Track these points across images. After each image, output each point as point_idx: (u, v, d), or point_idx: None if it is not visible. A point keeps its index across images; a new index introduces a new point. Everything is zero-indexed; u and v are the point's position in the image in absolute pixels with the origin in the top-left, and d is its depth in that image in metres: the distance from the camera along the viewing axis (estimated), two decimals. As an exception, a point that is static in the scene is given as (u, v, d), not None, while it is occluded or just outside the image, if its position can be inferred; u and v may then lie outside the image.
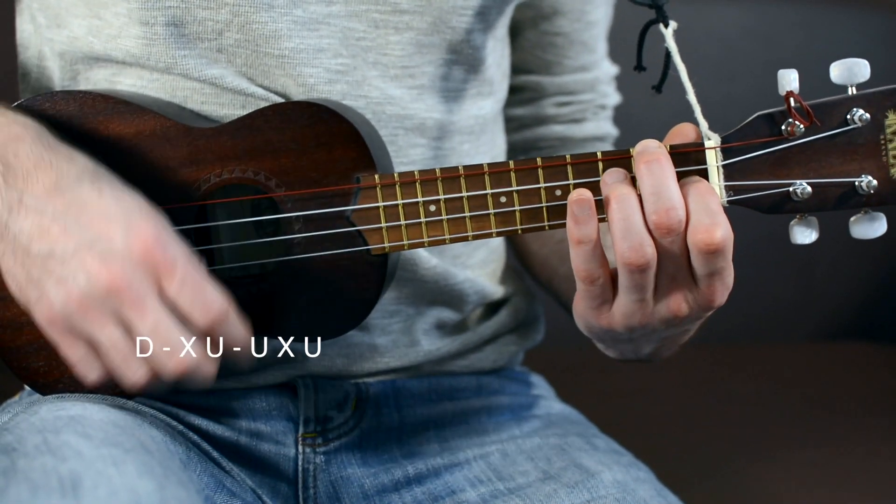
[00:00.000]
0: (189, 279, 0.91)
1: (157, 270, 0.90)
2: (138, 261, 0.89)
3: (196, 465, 1.02)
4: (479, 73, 1.16)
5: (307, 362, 1.12)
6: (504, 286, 1.24)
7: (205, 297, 0.91)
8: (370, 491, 1.11)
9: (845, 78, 0.93)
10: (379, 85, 1.10)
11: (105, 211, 0.91)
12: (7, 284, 0.94)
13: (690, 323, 0.97)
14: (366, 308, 1.00)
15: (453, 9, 1.11)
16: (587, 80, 1.27)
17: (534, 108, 1.27)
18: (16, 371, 1.03)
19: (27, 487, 0.83)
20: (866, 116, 0.93)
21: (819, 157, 0.93)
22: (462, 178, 0.97)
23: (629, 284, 0.92)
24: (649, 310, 0.94)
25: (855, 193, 0.94)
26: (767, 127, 0.94)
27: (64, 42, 1.10)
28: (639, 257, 0.90)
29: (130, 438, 0.92)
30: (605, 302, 0.94)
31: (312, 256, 0.99)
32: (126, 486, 0.84)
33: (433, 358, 1.17)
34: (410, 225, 0.98)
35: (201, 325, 0.91)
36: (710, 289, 0.92)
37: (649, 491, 1.08)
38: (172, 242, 0.91)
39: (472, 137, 1.16)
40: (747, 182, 0.94)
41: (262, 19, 1.05)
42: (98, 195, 0.92)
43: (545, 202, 0.96)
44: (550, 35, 1.24)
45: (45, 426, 0.92)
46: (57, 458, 0.86)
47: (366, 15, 1.09)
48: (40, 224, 0.90)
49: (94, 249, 0.89)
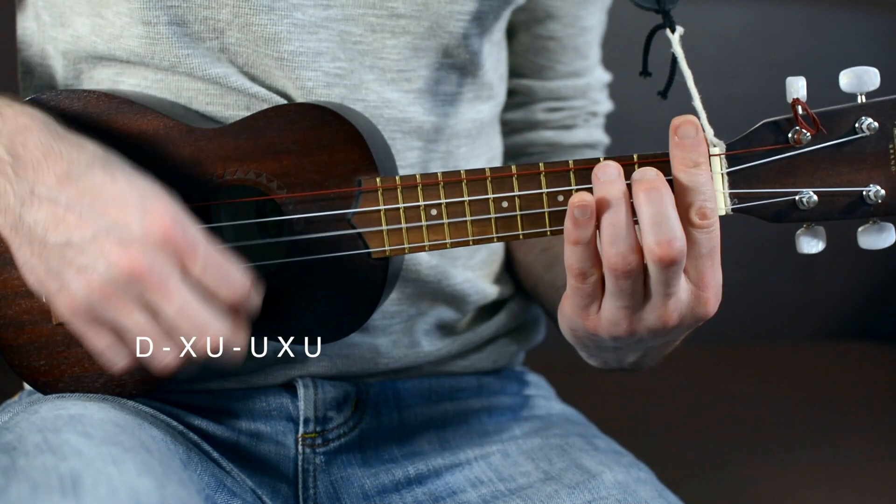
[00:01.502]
0: (212, 257, 0.90)
1: (178, 252, 0.89)
2: (158, 243, 0.88)
3: (196, 465, 1.02)
4: (477, 78, 1.16)
5: (307, 363, 1.12)
6: (504, 287, 1.24)
7: (229, 273, 0.91)
8: (370, 491, 1.11)
9: (854, 86, 0.92)
10: (376, 89, 1.10)
11: (119, 196, 0.90)
12: (25, 278, 0.93)
13: (679, 333, 0.97)
14: (367, 311, 1.00)
15: (450, 13, 1.10)
16: (579, 86, 1.27)
17: (524, 113, 1.27)
18: (17, 370, 1.03)
19: (27, 486, 0.83)
20: (875, 125, 0.91)
21: (826, 166, 0.92)
22: (464, 183, 0.97)
23: (615, 290, 0.91)
24: (637, 317, 0.93)
25: (863, 203, 0.93)
26: (773, 135, 0.93)
27: (67, 41, 1.10)
28: (625, 264, 0.89)
29: (130, 438, 0.92)
30: (593, 302, 0.93)
31: (314, 259, 0.99)
32: (126, 485, 0.84)
33: (433, 358, 1.17)
34: (411, 228, 0.98)
35: (229, 301, 0.91)
36: (704, 282, 0.92)
37: (650, 492, 1.08)
38: (190, 223, 0.90)
39: (469, 141, 1.16)
40: (752, 190, 0.93)
41: (262, 21, 1.05)
42: (111, 180, 0.91)
43: (547, 207, 0.96)
44: (543, 39, 1.24)
45: (46, 425, 0.92)
46: (57, 456, 0.86)
47: (362, 19, 1.09)
48: (55, 214, 0.90)
49: (112, 235, 0.89)
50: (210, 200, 1.00)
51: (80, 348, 1.02)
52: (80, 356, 1.02)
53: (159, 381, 1.03)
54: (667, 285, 0.90)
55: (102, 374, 1.03)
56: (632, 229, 0.90)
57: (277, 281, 1.00)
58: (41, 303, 1.02)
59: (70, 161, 0.91)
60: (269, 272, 1.01)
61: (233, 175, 1.00)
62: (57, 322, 1.02)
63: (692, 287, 0.92)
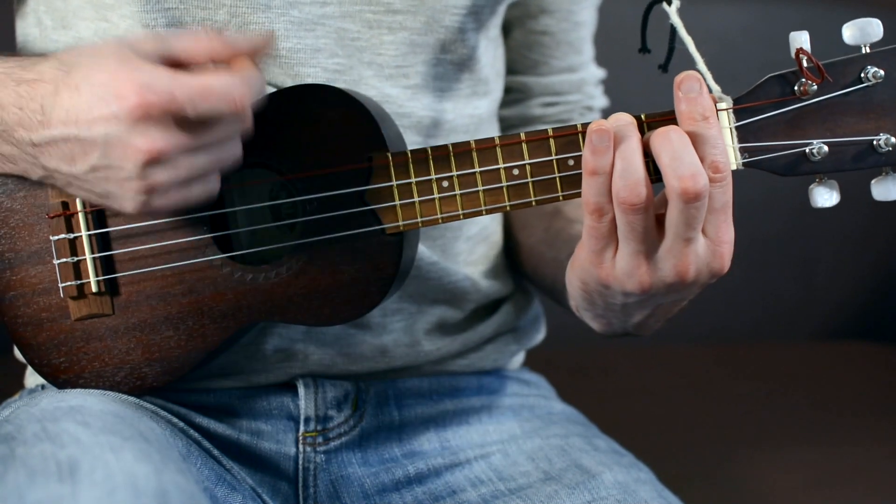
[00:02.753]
0: (192, 91, 0.89)
1: (164, 112, 0.88)
2: (145, 117, 0.88)
3: (196, 459, 1.02)
4: (474, 73, 1.16)
5: (308, 361, 1.12)
6: (504, 284, 1.24)
7: (215, 91, 0.89)
8: (370, 490, 1.11)
9: (858, 38, 0.92)
10: (375, 84, 1.10)
11: (89, 103, 0.90)
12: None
13: (692, 290, 0.96)
14: (383, 288, 1.00)
15: (446, 8, 1.11)
16: (574, 80, 1.27)
17: (520, 109, 1.27)
18: (37, 367, 1.03)
19: (25, 473, 0.83)
20: (881, 73, 0.92)
21: (834, 116, 0.92)
22: (474, 153, 0.97)
23: (627, 230, 0.91)
24: (652, 268, 0.93)
25: (873, 152, 0.92)
26: (780, 87, 0.93)
27: (69, 42, 1.10)
28: (634, 196, 0.90)
29: (129, 428, 0.93)
30: (608, 246, 0.93)
31: (328, 238, 0.99)
32: (123, 470, 0.84)
33: (434, 358, 1.17)
34: (424, 202, 0.98)
35: (240, 109, 0.90)
36: (719, 238, 0.91)
37: (650, 492, 1.08)
38: (151, 76, 0.89)
39: (468, 136, 1.16)
40: (762, 143, 0.93)
41: (260, 20, 1.06)
42: (77, 93, 0.91)
43: (558, 173, 0.96)
44: (537, 34, 1.24)
45: (45, 415, 0.93)
46: (55, 444, 0.87)
47: (359, 15, 1.09)
48: (61, 151, 0.92)
49: (113, 139, 0.89)
50: (222, 185, 1.00)
51: (100, 343, 1.02)
52: (100, 350, 1.02)
53: (179, 373, 1.03)
54: (688, 226, 0.90)
55: (122, 368, 1.03)
56: (641, 163, 0.90)
57: (294, 264, 1.00)
58: (59, 299, 1.02)
59: (42, 97, 0.92)
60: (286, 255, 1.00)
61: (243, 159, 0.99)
62: (76, 318, 1.02)
63: (708, 241, 0.92)
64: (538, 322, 1.28)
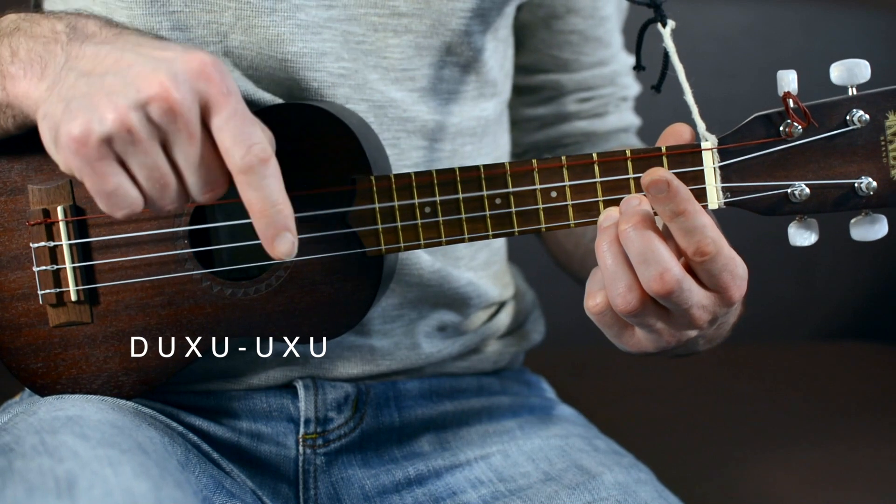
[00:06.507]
0: (240, 111, 0.85)
1: (210, 92, 0.84)
2: (193, 77, 0.84)
3: (195, 467, 1.02)
4: (481, 75, 1.16)
5: (308, 364, 1.12)
6: (505, 288, 1.24)
7: (251, 134, 0.85)
8: (371, 492, 1.11)
9: (845, 79, 0.92)
10: (380, 88, 1.10)
11: (164, 44, 0.87)
12: (49, 110, 0.87)
13: (721, 321, 0.96)
14: (362, 309, 1.00)
15: (451, 10, 1.10)
16: (606, 74, 1.27)
17: (555, 107, 1.27)
18: (15, 372, 1.04)
19: (23, 488, 0.83)
20: (866, 117, 0.92)
21: (818, 159, 0.93)
22: (458, 181, 0.97)
23: (634, 325, 0.92)
24: (671, 332, 0.93)
25: (854, 195, 0.93)
26: (765, 128, 0.93)
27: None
28: (625, 304, 0.89)
29: (128, 439, 0.92)
30: (623, 330, 0.94)
31: (309, 259, 0.99)
32: (122, 487, 0.84)
33: (434, 360, 1.17)
34: (406, 227, 0.98)
35: (240, 165, 0.85)
36: (724, 287, 0.91)
37: (650, 492, 1.08)
38: (229, 74, 0.86)
39: (475, 139, 1.16)
40: (745, 184, 0.94)
41: (265, 23, 1.05)
42: (160, 41, 0.90)
43: (541, 204, 0.96)
44: (565, 34, 1.24)
45: (43, 426, 0.92)
46: (54, 458, 0.86)
47: (364, 18, 1.09)
48: (97, 52, 0.86)
49: (147, 66, 0.84)
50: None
51: (78, 350, 1.02)
52: (78, 358, 1.03)
53: (156, 383, 1.03)
54: (679, 305, 0.90)
55: (100, 376, 1.03)
56: (625, 269, 0.89)
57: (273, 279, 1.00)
58: (38, 305, 1.02)
59: (126, 32, 0.90)
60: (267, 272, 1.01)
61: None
62: (54, 325, 1.02)
63: (712, 293, 0.91)
64: (538, 323, 1.28)
